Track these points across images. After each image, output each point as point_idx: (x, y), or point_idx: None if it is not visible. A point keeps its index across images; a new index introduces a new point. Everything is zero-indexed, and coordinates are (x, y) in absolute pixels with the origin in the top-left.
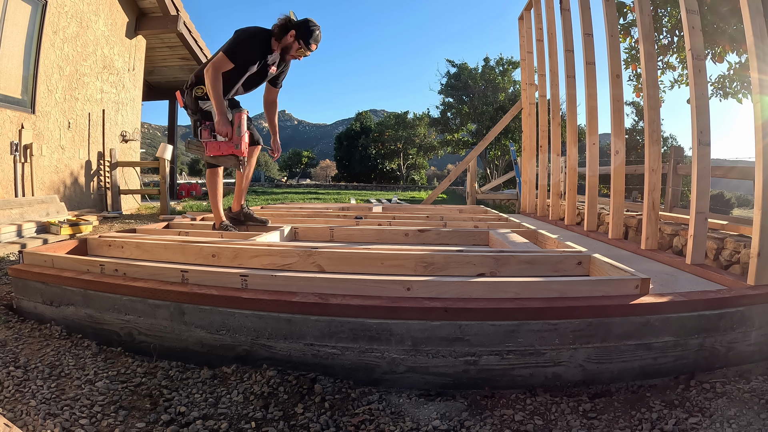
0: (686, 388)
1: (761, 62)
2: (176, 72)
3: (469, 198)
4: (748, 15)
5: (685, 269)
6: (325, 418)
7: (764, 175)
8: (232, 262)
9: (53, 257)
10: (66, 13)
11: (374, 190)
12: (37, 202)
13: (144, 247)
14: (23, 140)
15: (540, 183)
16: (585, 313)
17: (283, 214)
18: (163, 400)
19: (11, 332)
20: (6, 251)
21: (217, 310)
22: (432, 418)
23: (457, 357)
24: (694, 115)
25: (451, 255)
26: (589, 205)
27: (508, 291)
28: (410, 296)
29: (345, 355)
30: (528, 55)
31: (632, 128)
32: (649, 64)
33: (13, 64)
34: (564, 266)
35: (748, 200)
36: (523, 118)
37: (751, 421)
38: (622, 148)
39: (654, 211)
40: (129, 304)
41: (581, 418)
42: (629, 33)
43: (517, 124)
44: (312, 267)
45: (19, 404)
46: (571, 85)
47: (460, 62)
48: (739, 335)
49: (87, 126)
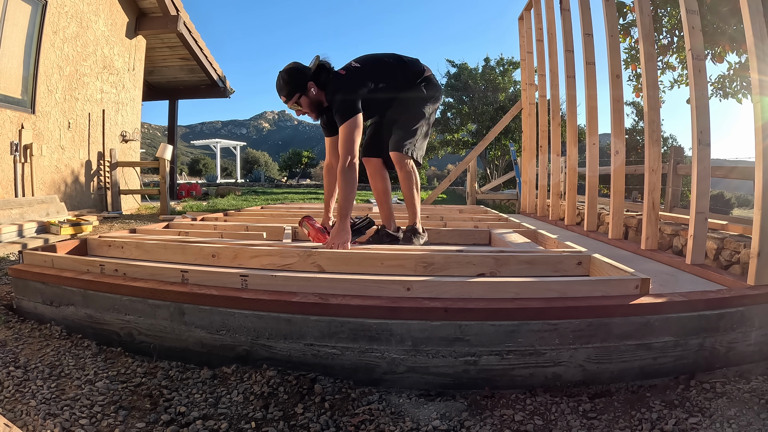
0: (686, 388)
1: (761, 62)
2: (176, 72)
3: (469, 198)
4: (748, 15)
5: (685, 269)
6: (325, 418)
7: (764, 175)
8: (232, 262)
9: (53, 257)
10: (66, 13)
11: None
12: (37, 202)
13: (144, 247)
14: (23, 140)
15: (540, 183)
16: (585, 313)
17: (282, 214)
18: (163, 400)
19: (11, 332)
20: (6, 251)
21: (217, 310)
22: (432, 418)
23: (457, 357)
24: (694, 116)
25: (451, 255)
26: (589, 205)
27: (508, 291)
28: (410, 296)
29: (345, 355)
30: (528, 56)
31: (632, 128)
32: (649, 65)
33: (13, 64)
34: (564, 266)
35: (748, 200)
36: (523, 118)
37: (751, 421)
38: (622, 148)
39: (654, 211)
40: (129, 304)
41: (581, 418)
42: (629, 33)
43: (517, 124)
44: (312, 267)
45: (19, 404)
46: (571, 86)
47: (460, 62)
48: (739, 335)
49: (87, 126)
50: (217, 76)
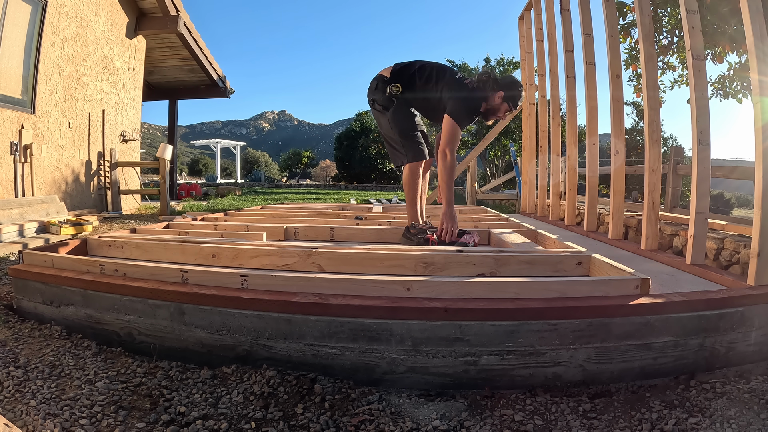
0: (686, 389)
1: (761, 63)
2: (176, 72)
3: (469, 198)
4: (748, 15)
5: (685, 269)
6: (325, 418)
7: (764, 176)
8: (232, 262)
9: (53, 257)
10: (66, 13)
11: (374, 191)
12: (37, 202)
13: (144, 247)
14: (23, 140)
15: (540, 183)
16: (585, 313)
17: (282, 214)
18: (163, 400)
19: (11, 332)
20: (7, 251)
21: (217, 311)
22: (432, 418)
23: (457, 357)
24: (694, 116)
25: (451, 255)
26: (589, 206)
27: (508, 291)
28: (410, 296)
29: (345, 356)
30: (528, 56)
31: (632, 128)
32: (649, 65)
33: (13, 64)
34: (564, 266)
35: (748, 200)
36: (523, 118)
37: (751, 421)
38: (622, 148)
39: (654, 212)
40: (129, 304)
41: (581, 419)
42: (629, 33)
43: (517, 124)
44: (312, 267)
45: (19, 404)
46: (571, 86)
47: (461, 62)
48: (739, 335)
49: (87, 126)
50: (217, 76)
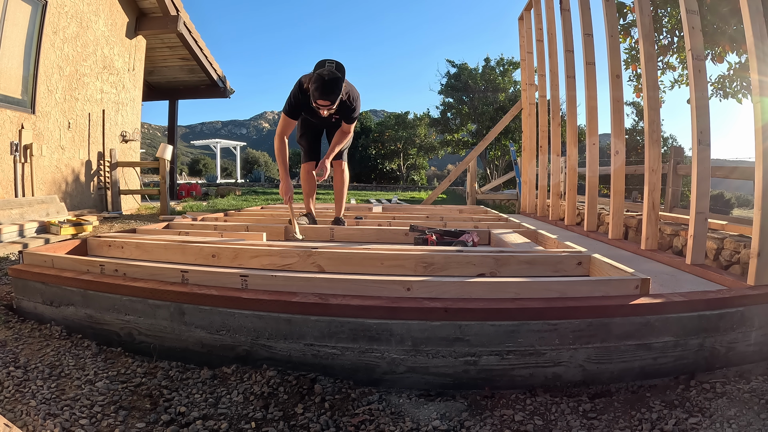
0: (686, 389)
1: (761, 63)
2: (176, 72)
3: (469, 198)
4: (748, 15)
5: (685, 269)
6: (325, 419)
7: (764, 176)
8: (232, 262)
9: (53, 257)
10: (66, 14)
11: (374, 191)
12: (37, 202)
13: (144, 248)
14: (23, 140)
15: (540, 183)
16: (585, 313)
17: (282, 215)
18: (163, 400)
19: (11, 332)
20: (7, 251)
21: (217, 311)
22: (432, 419)
23: (457, 357)
24: (694, 116)
25: (451, 255)
26: (589, 206)
27: (508, 291)
28: (410, 296)
29: (345, 356)
30: (528, 56)
31: (632, 128)
32: (649, 65)
33: (13, 64)
34: (564, 266)
35: (748, 200)
36: (523, 118)
37: (751, 421)
38: (622, 148)
39: (654, 212)
40: (129, 305)
41: (581, 419)
42: (629, 33)
43: (517, 124)
44: (312, 267)
45: (19, 404)
46: (571, 86)
47: (460, 62)
48: (739, 335)
49: (87, 126)
50: (217, 76)
